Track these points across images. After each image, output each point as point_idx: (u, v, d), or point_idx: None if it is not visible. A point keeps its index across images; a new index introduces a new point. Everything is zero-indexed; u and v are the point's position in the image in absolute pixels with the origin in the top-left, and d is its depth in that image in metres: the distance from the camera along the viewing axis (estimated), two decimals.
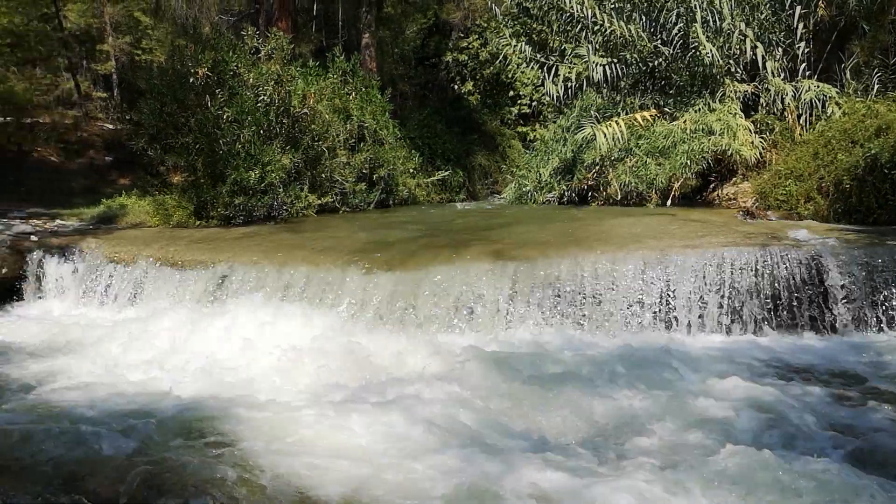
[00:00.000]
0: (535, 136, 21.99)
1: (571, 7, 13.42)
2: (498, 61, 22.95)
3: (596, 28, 13.51)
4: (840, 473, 4.02)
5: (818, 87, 11.98)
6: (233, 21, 21.93)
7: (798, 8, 12.12)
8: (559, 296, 7.27)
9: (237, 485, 4.11)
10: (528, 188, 15.28)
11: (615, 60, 13.77)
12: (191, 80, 12.41)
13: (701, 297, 7.10)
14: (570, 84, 14.58)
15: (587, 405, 5.29)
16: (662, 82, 13.86)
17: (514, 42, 15.43)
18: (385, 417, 5.06)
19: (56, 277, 9.46)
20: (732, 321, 7.02)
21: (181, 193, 12.16)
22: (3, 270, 9.55)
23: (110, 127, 21.31)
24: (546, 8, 14.10)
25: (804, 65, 12.44)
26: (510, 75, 23.90)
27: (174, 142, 12.40)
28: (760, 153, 11.82)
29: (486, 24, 24.28)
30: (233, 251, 9.08)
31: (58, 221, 12.17)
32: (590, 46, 13.68)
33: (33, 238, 10.24)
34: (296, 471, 4.33)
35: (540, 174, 15.05)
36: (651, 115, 13.09)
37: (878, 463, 4.30)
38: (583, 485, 4.09)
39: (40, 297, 9.42)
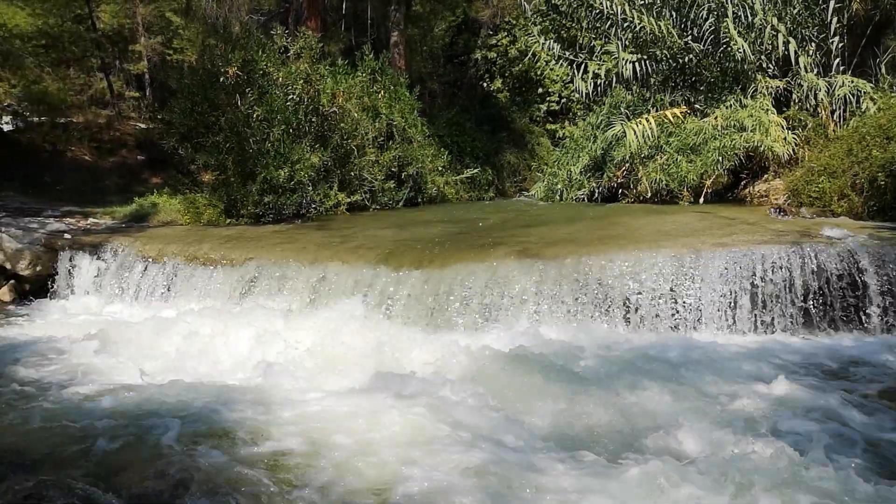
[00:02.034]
0: (564, 133, 21.90)
1: (601, 4, 13.34)
2: (527, 59, 22.88)
3: (625, 24, 13.42)
4: (869, 476, 3.98)
5: (852, 82, 11.81)
6: (262, 20, 22.08)
7: (832, 2, 11.93)
8: (587, 294, 7.23)
9: (264, 479, 4.13)
10: (557, 186, 15.22)
11: (645, 57, 13.66)
12: (221, 79, 12.52)
13: (732, 295, 7.02)
14: (599, 81, 14.49)
15: (614, 403, 5.26)
16: (693, 79, 13.73)
17: (542, 39, 15.38)
18: (411, 415, 5.06)
19: (88, 275, 9.57)
20: (764, 320, 6.94)
21: (212, 192, 12.27)
22: (38, 268, 9.69)
23: (142, 126, 21.51)
24: (575, 5, 14.04)
25: (838, 60, 12.25)
26: (539, 72, 23.81)
27: (205, 141, 12.51)
28: (793, 150, 11.67)
29: (514, 22, 24.22)
30: (262, 249, 9.13)
31: (91, 220, 12.32)
32: (619, 43, 13.60)
33: (67, 236, 10.38)
34: (323, 466, 4.35)
35: (570, 172, 14.98)
36: (681, 112, 12.98)
37: None
38: (608, 483, 4.06)
39: (73, 294, 9.53)
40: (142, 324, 7.62)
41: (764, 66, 12.71)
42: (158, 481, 4.12)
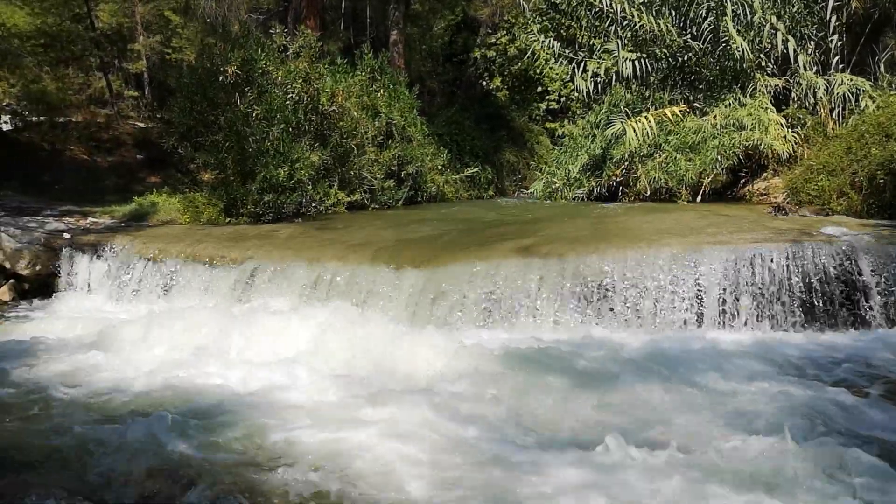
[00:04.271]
0: (563, 132, 21.88)
1: (600, 2, 13.33)
2: (526, 57, 22.86)
3: (625, 23, 13.42)
4: (868, 470, 3.98)
5: (851, 80, 11.81)
6: (261, 19, 22.07)
7: (831, 0, 11.94)
8: (588, 292, 7.23)
9: (265, 480, 4.13)
10: (557, 184, 15.22)
11: (644, 55, 13.65)
12: (220, 78, 12.50)
13: (731, 293, 7.02)
14: (598, 79, 14.48)
15: (615, 401, 5.27)
16: (692, 77, 13.73)
17: (542, 38, 15.37)
18: (412, 414, 5.06)
19: (88, 274, 9.57)
20: (763, 318, 6.94)
21: (211, 191, 12.25)
22: (38, 267, 9.69)
23: (141, 125, 21.48)
24: (574, 3, 14.04)
25: (837, 58, 12.26)
26: (538, 71, 23.80)
27: (204, 140, 12.50)
28: (792, 148, 11.67)
29: (513, 20, 24.20)
30: (262, 248, 9.13)
31: (90, 219, 12.30)
32: (619, 41, 13.59)
33: (66, 235, 10.38)
34: (323, 465, 4.35)
35: (569, 170, 14.98)
36: (680, 111, 12.98)
37: None
38: (610, 481, 4.07)
39: (73, 294, 9.53)
40: (141, 322, 7.61)
41: (763, 64, 12.72)
42: (159, 480, 4.12)
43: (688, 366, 5.91)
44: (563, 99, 23.78)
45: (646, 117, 12.81)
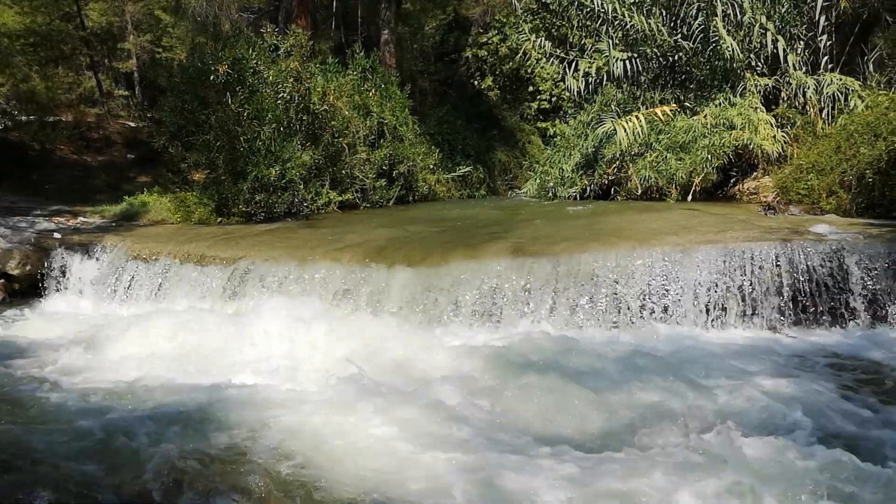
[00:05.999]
0: (555, 131, 21.89)
1: (591, 1, 13.35)
2: (518, 56, 22.86)
3: (616, 23, 13.44)
4: (857, 466, 4.01)
5: (840, 80, 11.85)
6: (252, 18, 22.04)
7: (820, 0, 11.99)
8: (578, 292, 7.25)
9: (258, 479, 4.14)
10: (549, 183, 15.23)
11: (635, 55, 13.69)
12: (211, 77, 12.47)
13: (722, 292, 7.05)
14: (590, 79, 14.51)
15: (606, 401, 5.28)
16: (682, 77, 13.76)
17: (533, 37, 15.38)
18: (403, 413, 5.07)
19: (79, 274, 9.55)
20: (753, 316, 6.97)
21: (202, 191, 12.23)
22: (28, 268, 9.66)
23: (132, 125, 21.45)
24: (566, 3, 14.04)
25: (826, 58, 12.30)
26: (530, 71, 23.80)
27: (195, 139, 12.48)
28: (782, 147, 11.71)
29: (505, 20, 24.21)
30: (253, 248, 9.12)
31: (80, 219, 12.28)
32: (610, 41, 13.62)
33: (56, 235, 10.35)
34: (315, 464, 4.36)
35: (561, 169, 14.99)
36: (671, 110, 13.00)
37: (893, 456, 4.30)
38: (602, 480, 4.08)
39: (63, 294, 9.50)
40: (133, 322, 7.60)
41: (753, 64, 12.76)
42: (152, 480, 4.12)
43: (678, 364, 5.93)
44: (554, 98, 23.78)
45: (636, 116, 12.81)
